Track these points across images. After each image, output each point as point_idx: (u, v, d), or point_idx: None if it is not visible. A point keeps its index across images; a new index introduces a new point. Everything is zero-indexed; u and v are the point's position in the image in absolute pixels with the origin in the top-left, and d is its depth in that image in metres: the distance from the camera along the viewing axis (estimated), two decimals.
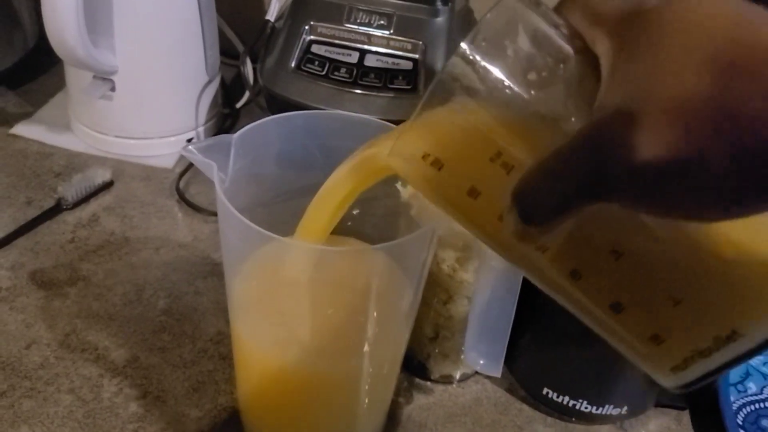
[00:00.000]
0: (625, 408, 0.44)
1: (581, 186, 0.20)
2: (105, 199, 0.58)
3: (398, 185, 0.38)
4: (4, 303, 0.48)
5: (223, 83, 0.67)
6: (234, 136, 0.35)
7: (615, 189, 0.20)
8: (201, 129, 0.65)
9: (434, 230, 0.33)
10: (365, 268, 0.32)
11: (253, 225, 0.30)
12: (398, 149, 0.26)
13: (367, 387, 0.39)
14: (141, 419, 0.42)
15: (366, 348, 0.36)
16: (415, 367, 0.47)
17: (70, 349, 0.46)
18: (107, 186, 0.59)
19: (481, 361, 0.40)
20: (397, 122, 0.41)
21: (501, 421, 0.45)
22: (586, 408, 0.44)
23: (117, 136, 0.61)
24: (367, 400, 0.41)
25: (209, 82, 0.63)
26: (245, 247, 0.34)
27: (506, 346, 0.39)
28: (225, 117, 0.68)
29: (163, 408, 0.43)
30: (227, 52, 0.68)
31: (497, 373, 0.40)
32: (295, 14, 0.58)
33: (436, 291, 0.42)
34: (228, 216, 0.32)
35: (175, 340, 0.47)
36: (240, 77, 0.69)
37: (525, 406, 0.46)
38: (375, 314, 0.35)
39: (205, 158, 0.33)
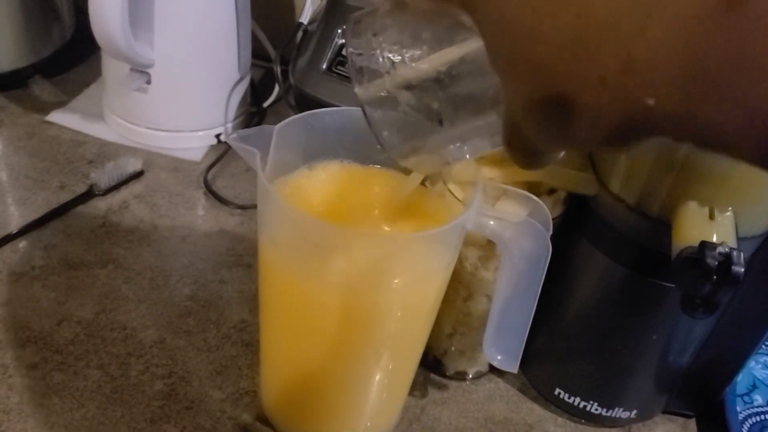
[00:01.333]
0: (635, 412, 0.45)
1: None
2: (135, 187, 0.60)
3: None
4: (37, 281, 0.50)
5: (252, 83, 0.69)
6: (276, 127, 0.37)
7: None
8: (230, 125, 0.67)
9: (465, 222, 0.34)
10: (401, 254, 0.34)
11: (294, 207, 0.32)
12: None
13: (387, 377, 0.41)
14: (166, 397, 0.44)
15: (390, 333, 0.37)
16: (430, 362, 0.49)
17: (99, 327, 0.47)
18: (138, 175, 0.61)
19: (499, 357, 0.41)
20: None
21: (512, 419, 0.47)
22: (596, 410, 0.45)
23: (149, 128, 0.63)
24: (384, 393, 0.42)
25: (240, 80, 0.65)
26: (284, 230, 0.36)
27: (524, 343, 0.40)
28: (252, 115, 0.70)
29: (188, 388, 0.45)
30: (257, 54, 0.70)
31: (514, 369, 0.41)
32: (330, 17, 0.60)
33: (457, 288, 0.44)
34: (267, 199, 0.33)
35: (200, 325, 0.49)
36: (267, 78, 0.71)
37: (536, 406, 0.48)
38: (405, 300, 0.36)
39: (248, 146, 0.35)
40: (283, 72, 0.62)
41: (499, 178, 0.42)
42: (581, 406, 0.46)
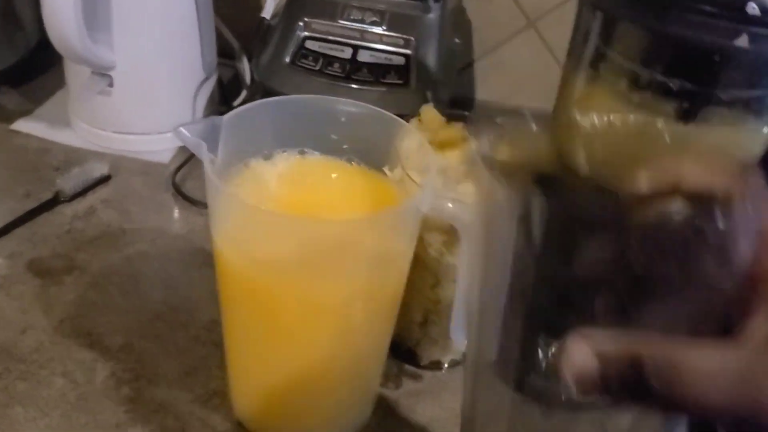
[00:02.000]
0: None
1: None
2: (103, 192, 0.59)
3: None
4: (0, 290, 0.49)
5: (220, 82, 0.68)
6: (224, 118, 0.36)
7: None
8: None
9: (417, 206, 0.33)
10: (352, 240, 0.33)
11: (240, 197, 0.31)
12: None
13: (354, 368, 0.40)
14: (132, 401, 0.43)
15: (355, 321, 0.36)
16: (404, 353, 0.48)
17: (64, 335, 0.46)
18: (105, 180, 0.60)
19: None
20: None
21: None
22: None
23: (115, 132, 0.62)
24: (354, 385, 0.41)
25: (206, 79, 0.64)
26: (234, 223, 0.35)
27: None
28: (221, 114, 0.69)
29: (155, 391, 0.44)
30: (224, 52, 0.69)
31: None
32: (291, 11, 0.59)
33: (424, 275, 0.43)
34: (214, 192, 0.32)
35: (170, 328, 0.48)
36: (236, 76, 0.70)
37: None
38: (363, 287, 0.35)
39: (195, 137, 0.34)
40: (250, 69, 0.61)
41: (460, 160, 0.41)
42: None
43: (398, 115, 0.38)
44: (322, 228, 0.33)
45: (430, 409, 0.45)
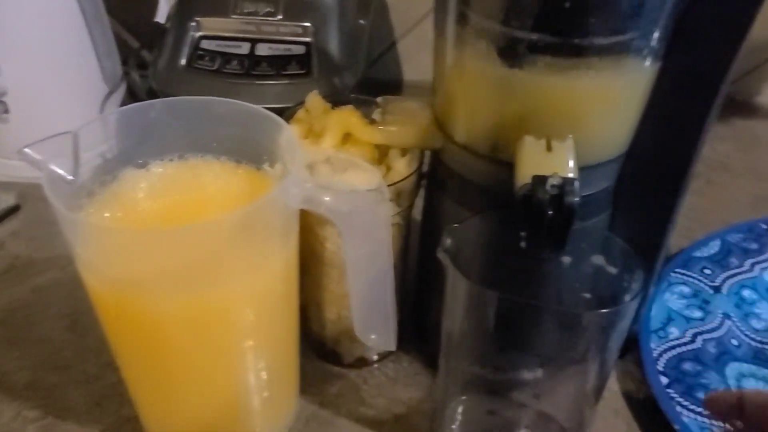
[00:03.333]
0: (540, 371, 0.43)
1: None
2: (11, 224, 0.57)
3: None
4: None
5: (132, 93, 0.66)
6: (72, 133, 0.34)
7: None
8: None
9: (275, 202, 0.31)
10: (213, 246, 0.31)
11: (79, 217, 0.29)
12: None
13: (261, 377, 0.38)
14: None
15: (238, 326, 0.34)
16: (327, 354, 0.46)
17: None
18: (13, 210, 0.57)
19: (372, 336, 0.38)
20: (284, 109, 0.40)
21: (416, 397, 0.44)
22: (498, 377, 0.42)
23: (20, 159, 0.59)
24: (265, 395, 0.39)
25: (110, 93, 0.62)
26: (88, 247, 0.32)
27: (393, 320, 0.37)
28: None
29: (63, 426, 0.42)
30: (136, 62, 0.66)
31: (390, 346, 0.38)
32: (181, 12, 0.57)
33: (327, 271, 0.41)
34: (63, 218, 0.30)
35: (79, 356, 0.46)
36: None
37: None
38: (243, 293, 0.33)
39: (45, 157, 0.32)
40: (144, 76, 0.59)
41: (346, 149, 0.39)
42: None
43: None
44: (181, 236, 0.30)
45: (356, 407, 0.43)
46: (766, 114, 0.72)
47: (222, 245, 0.31)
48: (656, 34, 0.31)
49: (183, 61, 0.55)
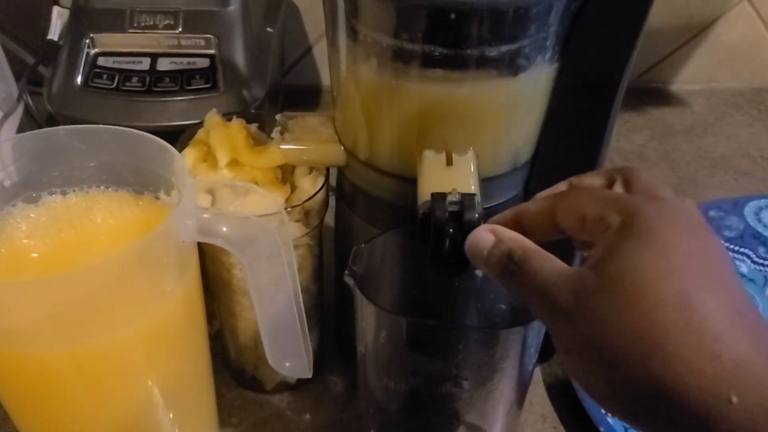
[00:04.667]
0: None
1: None
2: None
3: None
4: None
5: (32, 115, 0.62)
6: None
7: None
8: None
9: (163, 237, 0.29)
10: (102, 287, 0.29)
11: None
12: None
13: (174, 419, 0.36)
14: None
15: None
16: (248, 381, 0.44)
17: None
18: None
19: (287, 364, 0.37)
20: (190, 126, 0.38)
21: (343, 418, 0.43)
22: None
23: None
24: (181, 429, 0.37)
25: (5, 117, 0.58)
26: None
27: (307, 345, 0.36)
28: None
29: None
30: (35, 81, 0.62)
31: (306, 374, 0.37)
32: (75, 28, 0.53)
33: (237, 298, 0.39)
34: None
35: None
36: None
37: None
38: (137, 334, 0.31)
39: None
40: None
41: (244, 174, 0.37)
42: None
43: None
44: (60, 283, 0.28)
45: None
46: (679, 102, 0.74)
47: (107, 289, 0.29)
48: (549, 41, 0.30)
49: (79, 81, 0.52)
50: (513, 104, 0.32)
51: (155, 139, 0.33)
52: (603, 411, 0.40)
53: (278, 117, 0.38)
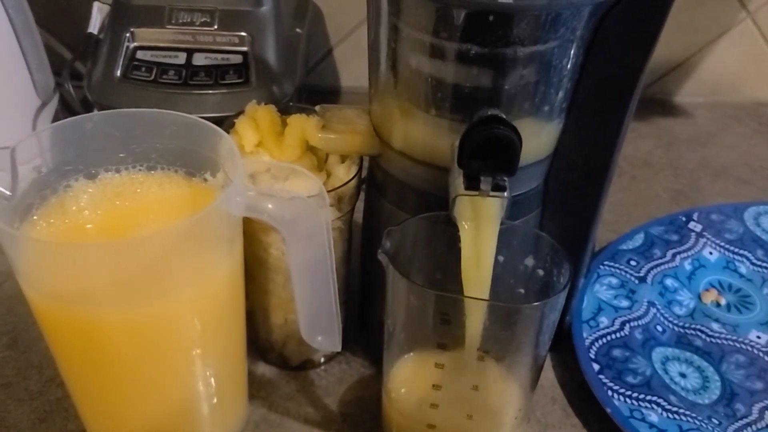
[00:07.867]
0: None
1: None
2: None
3: None
4: None
5: (67, 105, 0.65)
6: (10, 148, 0.34)
7: None
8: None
9: (218, 211, 0.32)
10: (160, 255, 0.31)
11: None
12: None
13: (210, 387, 0.38)
14: None
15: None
16: (275, 358, 0.47)
17: None
18: None
19: (319, 338, 0.39)
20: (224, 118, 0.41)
21: (364, 396, 0.45)
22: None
23: None
24: (214, 403, 0.40)
25: (43, 105, 0.61)
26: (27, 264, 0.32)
27: (339, 321, 0.38)
28: None
29: None
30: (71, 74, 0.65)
31: (336, 347, 0.40)
32: (115, 23, 0.56)
33: (272, 276, 0.42)
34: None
35: (21, 374, 0.45)
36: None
37: None
38: (189, 303, 0.34)
39: None
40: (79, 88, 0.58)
41: (284, 158, 0.40)
42: None
43: None
44: (124, 249, 0.31)
45: (305, 410, 0.44)
46: (683, 113, 0.77)
47: (166, 256, 0.32)
48: (575, 43, 0.33)
49: (118, 73, 0.55)
50: (540, 101, 0.34)
51: (205, 123, 0.36)
52: (609, 394, 0.43)
53: (317, 108, 0.41)
